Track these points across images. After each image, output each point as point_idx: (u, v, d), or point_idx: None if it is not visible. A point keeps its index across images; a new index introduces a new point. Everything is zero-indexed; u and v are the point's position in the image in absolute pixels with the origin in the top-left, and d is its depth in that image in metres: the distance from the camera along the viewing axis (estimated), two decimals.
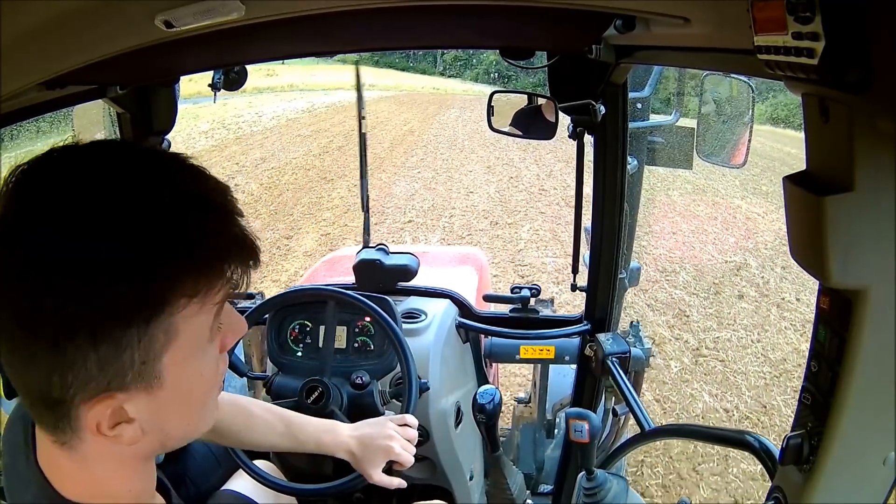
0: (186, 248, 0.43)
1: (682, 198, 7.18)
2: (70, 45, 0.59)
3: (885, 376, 0.48)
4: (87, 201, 0.41)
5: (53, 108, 0.93)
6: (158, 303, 0.42)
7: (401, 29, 0.96)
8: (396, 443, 1.03)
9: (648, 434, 1.06)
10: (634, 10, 0.71)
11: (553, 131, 1.22)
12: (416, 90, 23.66)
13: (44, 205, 0.41)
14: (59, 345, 0.41)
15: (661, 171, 5.25)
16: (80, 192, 0.41)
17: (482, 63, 29.42)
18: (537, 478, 1.76)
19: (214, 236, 0.44)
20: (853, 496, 0.51)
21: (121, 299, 0.41)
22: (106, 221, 0.41)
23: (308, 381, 1.19)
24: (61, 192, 0.41)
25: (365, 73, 2.00)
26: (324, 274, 2.04)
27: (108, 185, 0.42)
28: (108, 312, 0.41)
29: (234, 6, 0.56)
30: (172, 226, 0.43)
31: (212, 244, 0.44)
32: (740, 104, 1.23)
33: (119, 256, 0.41)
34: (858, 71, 0.37)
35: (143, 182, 0.43)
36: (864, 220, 0.44)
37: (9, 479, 0.53)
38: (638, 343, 1.38)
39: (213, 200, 0.45)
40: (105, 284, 0.40)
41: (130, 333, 0.42)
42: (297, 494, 1.16)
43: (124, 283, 0.41)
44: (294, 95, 17.88)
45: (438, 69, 31.94)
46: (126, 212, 0.41)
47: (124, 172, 0.43)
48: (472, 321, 1.50)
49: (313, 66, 22.16)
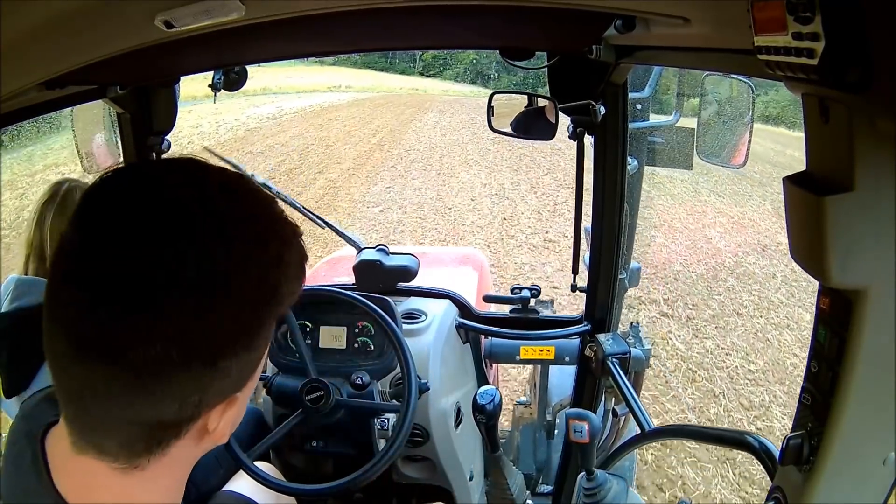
0: (290, 254, 0.45)
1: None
2: (70, 45, 0.59)
3: (885, 376, 0.48)
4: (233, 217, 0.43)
5: (53, 108, 0.93)
6: (278, 304, 0.44)
7: (400, 29, 0.96)
8: None
9: (648, 434, 1.06)
10: (634, 11, 0.71)
11: (553, 132, 1.22)
12: (394, 91, 23.03)
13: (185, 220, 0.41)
14: (213, 360, 0.41)
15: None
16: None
17: (462, 62, 29.21)
18: (537, 478, 1.76)
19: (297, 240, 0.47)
20: (853, 496, 0.51)
21: (264, 298, 0.43)
22: (249, 229, 0.43)
23: (308, 381, 1.19)
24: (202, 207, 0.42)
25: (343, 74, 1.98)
26: (324, 274, 2.04)
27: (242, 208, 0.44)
28: (256, 313, 0.43)
29: (234, 6, 0.56)
30: (287, 236, 0.45)
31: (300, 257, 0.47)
32: (740, 104, 1.23)
33: (259, 260, 0.42)
34: (858, 71, 0.37)
35: (264, 201, 0.45)
36: (864, 220, 0.44)
37: (13, 496, 0.49)
38: (638, 343, 1.38)
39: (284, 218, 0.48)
40: (255, 283, 0.42)
41: (263, 334, 0.44)
42: (297, 494, 1.16)
43: (266, 278, 0.43)
44: (265, 100, 16.54)
45: (418, 69, 31.48)
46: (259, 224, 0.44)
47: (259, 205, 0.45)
48: (472, 322, 1.50)
49: (290, 68, 21.77)
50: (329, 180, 7.80)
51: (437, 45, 1.18)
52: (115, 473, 0.44)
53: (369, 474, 1.11)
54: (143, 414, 0.42)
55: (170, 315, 0.39)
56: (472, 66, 29.55)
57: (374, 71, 28.95)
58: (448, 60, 30.37)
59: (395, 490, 1.48)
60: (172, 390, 0.41)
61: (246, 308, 0.42)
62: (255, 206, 0.45)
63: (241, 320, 0.42)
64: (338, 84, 22.45)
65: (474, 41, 1.27)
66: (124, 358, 0.39)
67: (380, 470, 1.12)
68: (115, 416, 0.42)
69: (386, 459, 1.12)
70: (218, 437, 0.47)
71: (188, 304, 0.39)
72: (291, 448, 1.40)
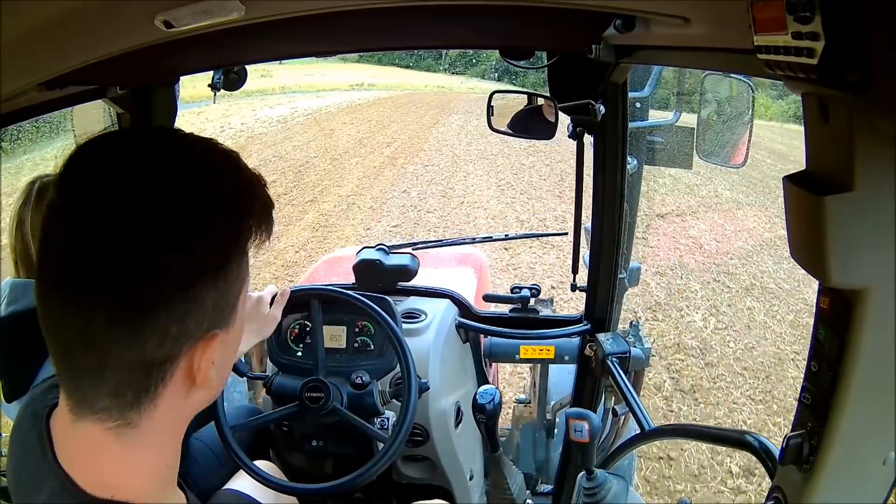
0: (251, 195, 0.49)
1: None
2: (70, 45, 0.59)
3: (885, 376, 0.48)
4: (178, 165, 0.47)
5: (53, 108, 0.93)
6: (245, 238, 0.48)
7: (401, 29, 0.96)
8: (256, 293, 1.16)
9: (648, 434, 1.06)
10: (634, 10, 0.71)
11: (553, 131, 1.22)
12: (419, 89, 22.56)
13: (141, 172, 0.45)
14: (187, 288, 0.44)
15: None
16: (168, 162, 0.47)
17: (489, 59, 28.64)
18: (537, 478, 1.76)
19: (261, 189, 0.51)
20: (853, 496, 0.51)
21: (229, 230, 0.47)
22: (211, 173, 0.47)
23: (308, 381, 1.19)
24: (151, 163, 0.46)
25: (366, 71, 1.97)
26: (324, 274, 2.04)
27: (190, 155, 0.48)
28: (222, 243, 0.46)
29: (234, 6, 0.56)
30: (246, 178, 0.50)
31: (259, 196, 0.50)
32: (740, 104, 1.23)
33: (225, 194, 0.47)
34: (858, 71, 0.37)
35: (221, 149, 0.50)
36: (864, 220, 0.44)
37: (19, 478, 0.52)
38: (638, 343, 1.38)
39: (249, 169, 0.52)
40: (218, 216, 0.46)
41: (233, 265, 0.48)
42: (297, 494, 1.16)
43: (229, 213, 0.47)
44: (282, 99, 16.02)
45: (443, 66, 30.90)
46: (214, 166, 0.48)
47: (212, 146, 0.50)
48: (472, 321, 1.50)
49: (311, 66, 21.56)
50: (322, 214, 6.32)
51: (436, 44, 1.18)
52: (111, 435, 0.47)
53: (369, 474, 1.11)
54: (127, 354, 0.44)
55: (147, 250, 0.43)
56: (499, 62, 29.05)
57: (398, 68, 28.47)
58: (474, 57, 29.44)
59: (395, 490, 1.48)
60: (152, 323, 0.43)
61: (215, 239, 0.46)
62: (223, 159, 0.49)
63: (211, 250, 0.45)
64: (360, 82, 22.03)
65: (474, 41, 1.27)
66: (108, 291, 0.42)
67: (380, 470, 1.12)
68: (102, 362, 0.44)
69: (386, 459, 1.12)
70: (204, 384, 0.49)
71: (164, 239, 0.43)
72: (291, 448, 1.40)
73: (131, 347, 0.44)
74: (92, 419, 0.47)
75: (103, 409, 0.46)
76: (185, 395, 0.49)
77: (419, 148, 9.90)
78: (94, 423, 0.47)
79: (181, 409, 0.50)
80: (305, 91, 18.50)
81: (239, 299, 0.51)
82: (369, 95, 18.55)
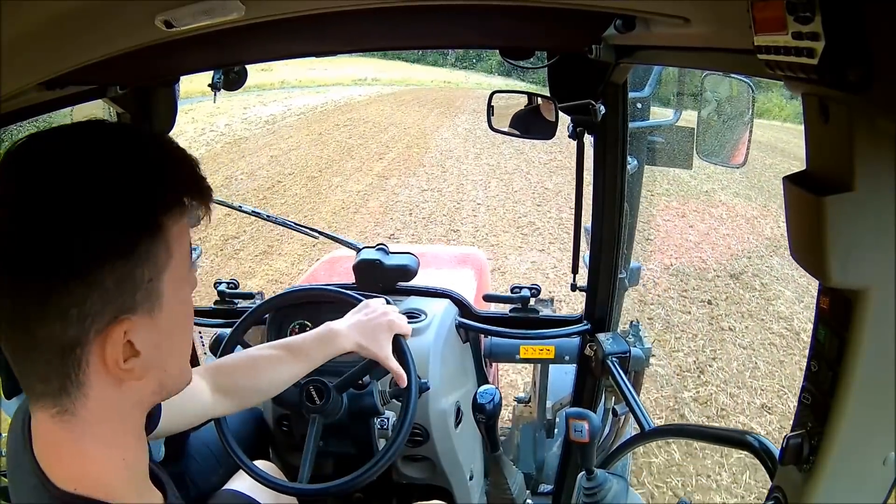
0: (171, 176, 0.51)
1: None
2: (70, 46, 0.59)
3: (885, 376, 0.48)
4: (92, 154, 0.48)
5: (53, 108, 0.93)
6: (157, 218, 0.49)
7: (401, 29, 0.96)
8: (393, 315, 1.09)
9: (648, 434, 1.06)
10: (634, 10, 0.71)
11: (553, 131, 1.23)
12: (424, 85, 21.54)
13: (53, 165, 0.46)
14: (82, 270, 0.45)
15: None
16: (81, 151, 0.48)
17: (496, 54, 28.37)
18: (537, 478, 1.76)
19: (189, 167, 0.52)
20: (853, 496, 0.51)
21: (130, 213, 0.47)
22: (110, 160, 0.48)
23: (308, 381, 1.19)
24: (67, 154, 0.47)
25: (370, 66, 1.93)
26: (323, 274, 2.04)
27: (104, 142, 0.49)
28: (121, 227, 0.46)
29: (234, 6, 0.56)
30: (160, 162, 0.51)
31: (186, 177, 0.52)
32: (740, 104, 1.23)
33: (123, 179, 0.47)
34: (858, 71, 0.37)
35: (135, 136, 0.52)
36: (864, 220, 0.44)
37: (12, 473, 0.54)
38: (638, 343, 1.38)
39: (177, 149, 0.53)
40: (116, 200, 0.46)
41: (140, 248, 0.47)
42: (297, 494, 1.16)
43: (130, 197, 0.47)
44: (279, 95, 14.86)
45: (450, 61, 30.05)
46: (125, 151, 0.49)
47: (123, 133, 0.52)
48: (472, 321, 1.50)
49: (314, 60, 21.55)
50: (271, 278, 4.36)
51: (436, 44, 1.18)
52: (56, 423, 0.48)
53: (369, 474, 1.11)
54: (38, 334, 0.45)
55: (42, 233, 0.44)
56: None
57: (405, 63, 27.56)
58: (481, 52, 28.72)
59: (395, 490, 1.48)
60: (56, 303, 0.45)
61: (112, 220, 0.46)
62: (133, 144, 0.50)
63: (108, 232, 0.46)
64: (363, 77, 21.07)
65: (474, 41, 1.27)
66: (13, 271, 0.45)
67: (380, 470, 1.12)
68: (27, 342, 0.46)
69: (386, 459, 1.12)
70: (130, 374, 0.49)
71: (57, 222, 0.44)
72: (291, 448, 1.40)
73: (43, 326, 0.45)
74: (38, 407, 0.49)
75: (42, 396, 0.48)
76: (116, 385, 0.49)
77: (417, 162, 8.15)
78: (41, 410, 0.49)
79: (117, 400, 0.49)
80: (305, 86, 17.61)
81: (160, 281, 0.49)
82: (371, 91, 17.52)
